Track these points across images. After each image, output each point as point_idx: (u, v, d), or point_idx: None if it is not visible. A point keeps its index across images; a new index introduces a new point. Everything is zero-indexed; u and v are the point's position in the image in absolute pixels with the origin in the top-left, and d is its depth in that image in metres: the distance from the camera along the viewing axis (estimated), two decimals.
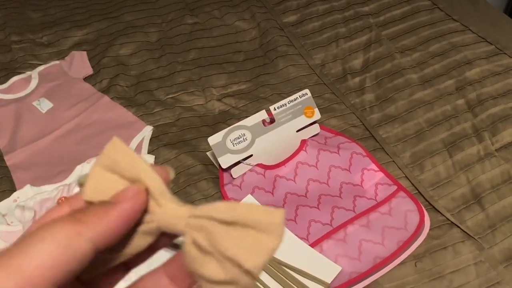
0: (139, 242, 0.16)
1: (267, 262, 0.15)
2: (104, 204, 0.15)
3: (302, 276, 0.47)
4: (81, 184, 0.17)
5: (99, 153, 0.16)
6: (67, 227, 0.14)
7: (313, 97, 0.61)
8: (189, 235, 0.16)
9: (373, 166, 0.57)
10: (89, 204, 0.16)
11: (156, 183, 0.16)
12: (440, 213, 0.53)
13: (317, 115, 0.60)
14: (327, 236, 0.50)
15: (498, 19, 0.78)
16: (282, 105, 0.58)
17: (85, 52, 0.75)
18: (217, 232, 0.15)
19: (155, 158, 0.60)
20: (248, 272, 0.15)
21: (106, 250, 0.15)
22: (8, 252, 0.13)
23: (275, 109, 0.58)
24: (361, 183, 0.56)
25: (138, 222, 0.16)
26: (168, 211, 0.16)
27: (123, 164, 0.16)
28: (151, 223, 0.16)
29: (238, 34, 0.80)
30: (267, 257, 0.15)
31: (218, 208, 0.16)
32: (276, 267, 0.47)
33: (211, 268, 0.15)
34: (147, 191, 0.16)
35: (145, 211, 0.16)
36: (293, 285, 0.46)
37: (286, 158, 0.58)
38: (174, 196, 0.17)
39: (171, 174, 0.17)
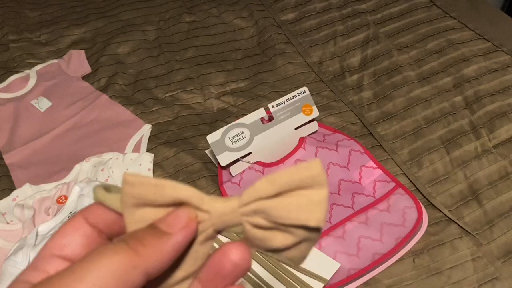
0: (204, 253, 0.17)
1: (327, 211, 0.16)
2: (157, 232, 0.15)
3: (301, 272, 0.47)
4: (96, 198, 0.17)
5: (97, 152, 0.16)
6: (125, 259, 0.14)
7: (311, 95, 0.61)
8: (248, 222, 0.16)
9: (371, 163, 0.57)
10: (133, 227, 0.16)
11: (192, 193, 0.16)
12: (438, 209, 0.53)
13: (315, 113, 0.60)
14: (326, 233, 0.51)
15: (495, 17, 0.78)
16: (281, 102, 0.59)
17: (83, 51, 0.75)
18: (271, 208, 0.16)
19: (154, 156, 0.60)
20: (315, 228, 0.16)
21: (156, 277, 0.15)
22: (65, 276, 0.13)
23: (273, 107, 0.58)
24: (360, 180, 0.56)
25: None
26: (217, 211, 0.16)
27: (149, 195, 0.16)
28: (207, 230, 0.16)
29: (236, 32, 0.80)
30: (324, 207, 0.16)
31: (260, 187, 0.16)
32: (275, 263, 0.47)
33: (280, 239, 0.16)
34: (195, 215, 0.16)
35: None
36: (292, 282, 0.46)
37: (285, 156, 0.58)
38: (211, 195, 0.17)
39: None
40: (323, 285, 0.46)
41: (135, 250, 0.14)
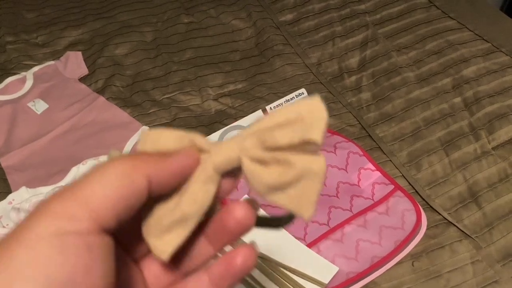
0: (203, 195, 0.17)
1: (325, 131, 0.16)
2: (162, 154, 0.16)
3: (299, 276, 0.46)
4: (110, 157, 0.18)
5: (94, 155, 0.17)
6: (128, 163, 0.15)
7: (309, 96, 0.61)
8: (246, 156, 0.16)
9: (370, 165, 0.56)
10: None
11: (200, 139, 0.17)
12: (437, 212, 0.53)
13: None
14: (324, 236, 0.50)
15: (494, 17, 0.78)
16: (279, 104, 0.58)
17: (80, 52, 0.75)
18: (269, 135, 0.16)
19: None
20: (312, 145, 0.16)
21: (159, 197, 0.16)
22: (75, 185, 0.14)
23: (271, 109, 0.58)
24: (358, 183, 0.55)
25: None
26: (217, 149, 0.17)
27: (162, 140, 0.17)
28: (207, 169, 0.17)
29: (234, 33, 0.80)
30: (323, 125, 0.16)
31: (259, 122, 0.17)
32: (273, 267, 0.47)
33: (278, 172, 0.16)
34: (197, 151, 0.17)
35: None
36: (290, 286, 0.46)
37: None
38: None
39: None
40: None
41: (139, 157, 0.15)
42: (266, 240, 0.49)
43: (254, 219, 0.18)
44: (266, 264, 0.47)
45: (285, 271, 0.47)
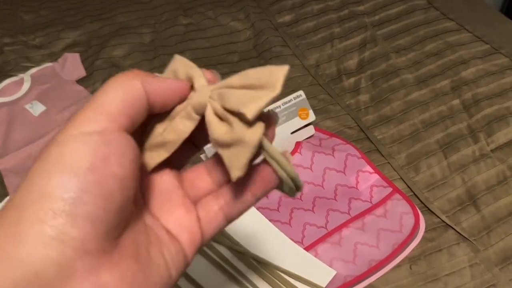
0: (182, 127, 0.20)
1: (262, 109, 0.17)
2: (157, 75, 0.20)
3: (297, 280, 0.46)
4: None
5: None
6: (127, 75, 0.18)
7: (308, 98, 0.60)
8: (210, 105, 0.19)
9: (368, 168, 0.56)
10: None
11: (199, 77, 0.20)
12: (435, 215, 0.53)
13: (311, 117, 0.60)
14: (322, 239, 0.50)
15: (494, 18, 0.78)
16: (276, 107, 0.58)
17: (78, 54, 0.75)
18: (229, 95, 0.18)
19: None
20: (246, 122, 0.18)
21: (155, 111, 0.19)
22: (91, 99, 0.18)
23: (268, 111, 0.58)
24: (356, 185, 0.55)
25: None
26: (199, 92, 0.19)
27: (179, 69, 0.20)
28: (189, 106, 0.19)
29: (232, 35, 0.79)
30: (261, 104, 0.17)
31: (234, 77, 0.19)
32: (270, 271, 0.47)
33: (220, 129, 0.18)
34: (192, 86, 0.20)
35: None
36: None
37: None
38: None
39: (218, 79, 0.21)
40: None
41: (134, 72, 0.19)
42: (262, 243, 0.49)
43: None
44: (263, 267, 0.47)
45: (282, 274, 0.47)
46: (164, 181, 0.21)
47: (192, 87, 0.20)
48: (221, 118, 0.19)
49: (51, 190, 0.15)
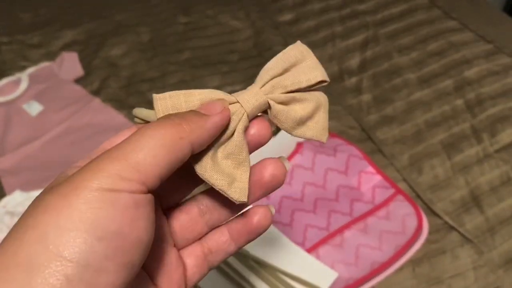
0: (245, 142, 0.19)
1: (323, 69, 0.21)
2: (197, 113, 0.17)
3: (298, 282, 0.46)
4: (134, 113, 0.20)
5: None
6: (172, 131, 0.16)
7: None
8: (271, 99, 0.19)
9: (370, 168, 0.55)
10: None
11: (218, 92, 0.19)
12: (439, 216, 0.52)
13: None
14: (323, 241, 0.49)
15: (497, 18, 0.77)
16: None
17: (75, 53, 0.74)
18: (284, 80, 0.20)
19: None
20: (321, 84, 0.21)
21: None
22: (125, 146, 0.15)
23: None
24: (359, 187, 0.54)
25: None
26: (244, 98, 0.19)
27: (181, 102, 0.19)
28: (242, 117, 0.19)
29: (232, 34, 0.79)
30: (321, 66, 0.21)
31: (267, 71, 0.20)
32: (271, 273, 0.46)
33: (300, 108, 0.20)
34: (227, 103, 0.19)
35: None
36: None
37: None
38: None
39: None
40: None
41: (179, 124, 0.16)
42: (264, 245, 0.48)
43: (286, 174, 0.21)
44: (264, 269, 0.46)
45: (283, 276, 0.46)
46: (158, 226, 0.19)
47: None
48: (285, 104, 0.20)
49: (67, 254, 0.13)
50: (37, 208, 0.14)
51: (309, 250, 0.48)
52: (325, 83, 0.20)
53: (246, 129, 0.19)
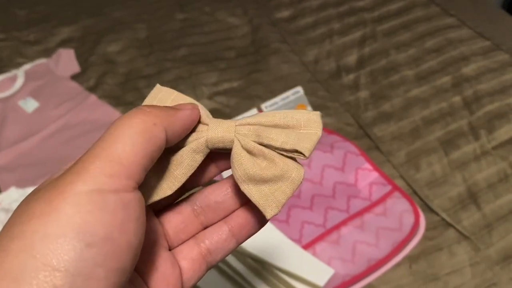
0: (190, 161, 0.18)
1: (315, 148, 0.18)
2: (168, 106, 0.18)
3: (295, 279, 0.45)
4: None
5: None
6: (145, 118, 0.16)
7: (306, 95, 0.59)
8: (239, 141, 0.18)
9: (367, 165, 0.55)
10: None
11: (203, 110, 0.19)
12: (436, 213, 0.52)
13: None
14: (320, 238, 0.49)
15: (495, 15, 0.77)
16: (274, 103, 0.57)
17: (72, 50, 0.73)
18: (265, 132, 0.18)
19: None
20: (299, 156, 0.18)
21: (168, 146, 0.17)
22: (103, 143, 0.15)
23: (266, 108, 0.57)
24: (356, 183, 0.54)
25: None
26: (215, 126, 0.18)
27: (168, 101, 0.19)
28: (200, 138, 0.18)
29: (229, 30, 0.78)
30: (314, 143, 0.18)
31: (261, 116, 0.18)
32: (267, 270, 0.46)
33: (262, 166, 0.18)
34: (198, 111, 0.18)
35: (193, 130, 0.18)
36: None
37: None
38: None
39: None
40: None
41: (151, 112, 0.16)
42: (260, 242, 0.48)
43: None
44: (260, 266, 0.46)
45: (280, 273, 0.46)
46: (151, 230, 0.19)
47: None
48: (250, 154, 0.18)
49: (56, 263, 0.13)
50: (22, 216, 0.14)
51: (305, 247, 0.48)
52: (303, 158, 0.18)
53: (204, 155, 0.18)
